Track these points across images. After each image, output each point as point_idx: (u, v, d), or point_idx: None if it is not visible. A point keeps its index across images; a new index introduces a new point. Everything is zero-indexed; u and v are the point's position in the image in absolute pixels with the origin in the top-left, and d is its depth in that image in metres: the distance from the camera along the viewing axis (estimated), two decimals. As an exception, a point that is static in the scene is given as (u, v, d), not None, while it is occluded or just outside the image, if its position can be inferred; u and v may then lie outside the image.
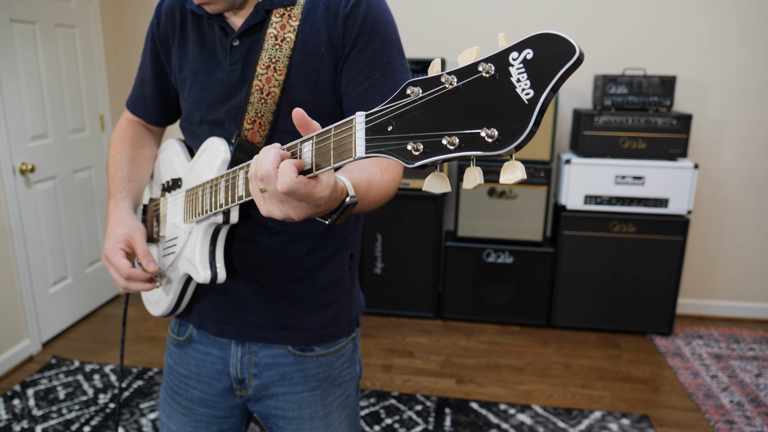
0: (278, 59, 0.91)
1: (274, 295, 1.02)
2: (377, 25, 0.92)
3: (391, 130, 0.57)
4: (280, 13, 0.92)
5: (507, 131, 0.49)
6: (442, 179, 0.58)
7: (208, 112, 0.98)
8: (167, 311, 1.07)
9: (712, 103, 3.19)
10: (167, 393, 1.13)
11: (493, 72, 0.49)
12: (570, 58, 0.46)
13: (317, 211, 0.69)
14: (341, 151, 0.62)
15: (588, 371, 2.80)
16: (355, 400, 1.14)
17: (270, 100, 0.92)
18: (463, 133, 0.52)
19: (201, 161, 0.98)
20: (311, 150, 0.66)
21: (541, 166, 3.01)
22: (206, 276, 0.93)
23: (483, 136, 0.50)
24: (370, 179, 0.85)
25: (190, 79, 0.99)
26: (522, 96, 0.48)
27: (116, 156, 1.11)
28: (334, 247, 1.04)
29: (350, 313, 1.10)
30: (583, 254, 3.07)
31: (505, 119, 0.49)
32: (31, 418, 2.36)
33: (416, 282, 3.25)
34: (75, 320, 3.23)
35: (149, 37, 1.06)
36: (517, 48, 0.48)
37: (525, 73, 0.48)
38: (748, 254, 3.35)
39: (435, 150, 0.54)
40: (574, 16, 3.18)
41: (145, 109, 1.14)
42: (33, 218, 2.88)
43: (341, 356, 1.08)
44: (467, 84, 0.51)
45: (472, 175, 0.53)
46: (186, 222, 0.98)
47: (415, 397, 2.55)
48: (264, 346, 1.04)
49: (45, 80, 2.94)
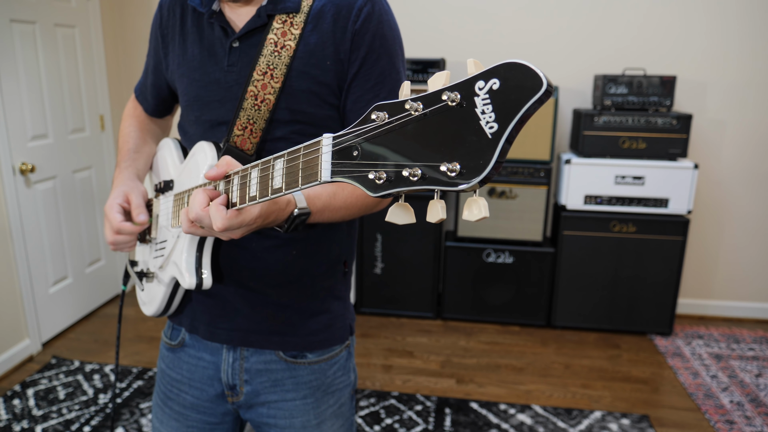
0: (276, 66, 0.89)
1: (264, 301, 1.01)
2: (386, 42, 0.91)
3: (356, 155, 0.56)
4: (282, 19, 0.90)
5: (470, 166, 0.47)
6: (406, 210, 0.56)
7: (202, 111, 0.97)
8: (158, 311, 1.06)
9: (712, 103, 3.19)
10: (159, 398, 1.13)
11: (458, 100, 0.48)
12: (536, 91, 0.44)
13: (255, 227, 0.77)
14: (308, 173, 0.62)
15: (588, 371, 2.80)
16: (350, 409, 1.13)
17: (264, 107, 0.90)
18: (426, 165, 0.50)
19: (189, 166, 0.97)
20: (282, 168, 0.67)
21: (541, 166, 3.01)
22: (191, 282, 0.92)
23: (444, 170, 0.48)
24: (335, 192, 0.88)
25: (188, 77, 0.98)
26: (486, 129, 0.46)
27: (125, 130, 1.15)
28: (326, 253, 1.02)
29: (344, 320, 1.08)
30: (583, 254, 3.07)
31: (469, 153, 0.47)
32: (31, 418, 2.36)
33: (416, 282, 3.25)
34: (75, 320, 3.23)
35: (152, 31, 1.07)
36: (483, 77, 0.46)
37: (490, 104, 0.46)
38: (748, 254, 3.35)
39: (397, 181, 0.52)
40: (574, 16, 3.18)
41: (144, 97, 1.17)
42: (33, 218, 2.88)
43: (334, 364, 1.07)
44: (432, 112, 0.50)
45: (434, 209, 0.51)
46: (173, 226, 0.98)
47: (415, 397, 2.55)
48: (255, 351, 1.03)
49: (45, 80, 2.94)
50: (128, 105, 1.21)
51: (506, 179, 3.04)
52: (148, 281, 1.06)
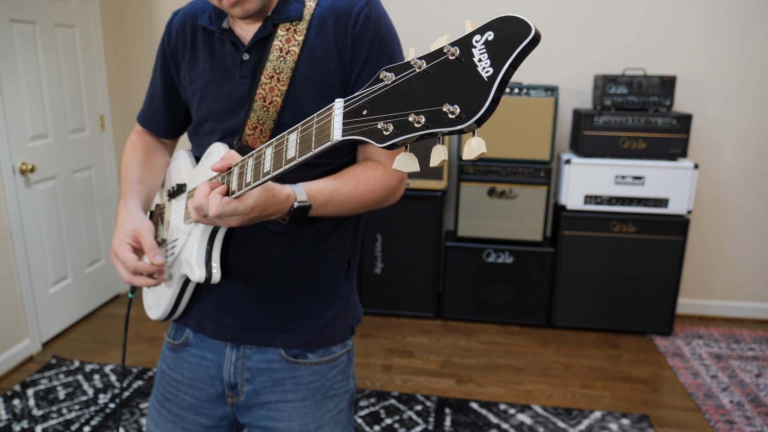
0: (282, 70, 0.94)
1: (272, 298, 1.03)
2: (384, 43, 0.96)
3: (366, 113, 0.61)
4: (286, 27, 0.96)
5: (468, 107, 0.52)
6: (411, 158, 0.60)
7: (217, 123, 1.01)
8: (165, 314, 1.07)
9: (712, 103, 3.19)
10: (157, 399, 1.14)
11: (458, 54, 0.53)
12: (526, 37, 0.49)
13: (252, 217, 0.82)
14: (321, 136, 0.66)
15: (588, 371, 2.80)
16: (348, 417, 1.14)
17: (272, 109, 0.95)
18: (428, 110, 0.55)
19: (204, 165, 1.00)
20: (296, 139, 0.71)
21: (541, 166, 3.01)
22: (201, 275, 0.93)
23: (445, 111, 0.53)
24: (337, 188, 0.92)
25: (200, 92, 1.02)
26: (482, 74, 0.51)
27: (128, 163, 1.14)
28: (332, 252, 1.05)
29: (346, 319, 1.10)
30: (583, 254, 3.07)
31: (467, 96, 0.52)
32: (31, 418, 2.36)
33: (416, 282, 3.25)
34: (75, 320, 3.23)
35: (160, 53, 1.10)
36: (479, 31, 0.52)
37: (486, 53, 0.51)
38: (748, 254, 3.35)
39: (404, 129, 0.57)
40: (574, 16, 3.18)
41: (155, 122, 1.18)
42: (33, 218, 2.88)
43: (335, 367, 1.09)
44: (434, 66, 0.55)
45: (437, 153, 0.56)
46: (185, 222, 0.99)
47: (415, 397, 2.55)
48: (258, 350, 1.05)
49: (45, 80, 2.94)
50: (131, 137, 1.20)
51: (506, 179, 3.04)
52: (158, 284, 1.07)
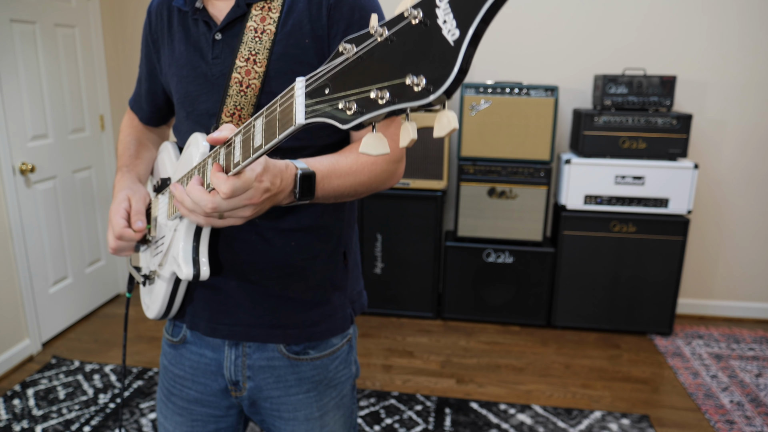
0: (258, 51, 0.91)
1: (266, 293, 1.01)
2: (365, 14, 0.91)
3: (328, 92, 0.56)
4: (261, 6, 0.92)
5: (433, 78, 0.46)
6: (380, 139, 0.55)
7: (193, 106, 0.99)
8: (160, 313, 1.06)
9: (712, 103, 3.19)
10: (163, 393, 1.13)
11: (421, 18, 0.46)
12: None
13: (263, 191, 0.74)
14: (284, 121, 0.62)
15: (588, 371, 2.80)
16: (351, 399, 1.14)
17: (250, 93, 0.92)
18: (391, 84, 0.49)
19: (184, 158, 0.97)
20: (262, 125, 0.66)
21: (541, 165, 3.01)
22: (189, 272, 0.90)
23: (409, 84, 0.47)
24: (337, 160, 0.88)
25: (177, 75, 1.00)
26: (448, 38, 0.45)
27: (125, 139, 1.17)
28: (325, 243, 1.03)
29: (344, 310, 1.08)
30: (583, 254, 3.07)
31: (432, 65, 0.46)
32: (31, 418, 2.36)
33: (416, 282, 3.25)
34: (75, 320, 3.23)
35: (143, 38, 1.09)
36: None
37: (451, 13, 0.44)
38: (748, 254, 3.35)
39: (367, 107, 0.51)
40: (574, 17, 3.17)
41: (139, 107, 1.18)
42: (33, 218, 2.88)
43: (336, 358, 1.08)
44: (397, 33, 0.49)
45: (405, 132, 0.50)
46: (170, 218, 0.97)
47: (415, 397, 2.55)
48: (258, 348, 1.03)
49: (45, 80, 2.94)
50: (124, 118, 1.23)
51: (506, 179, 3.04)
52: (151, 283, 1.06)
